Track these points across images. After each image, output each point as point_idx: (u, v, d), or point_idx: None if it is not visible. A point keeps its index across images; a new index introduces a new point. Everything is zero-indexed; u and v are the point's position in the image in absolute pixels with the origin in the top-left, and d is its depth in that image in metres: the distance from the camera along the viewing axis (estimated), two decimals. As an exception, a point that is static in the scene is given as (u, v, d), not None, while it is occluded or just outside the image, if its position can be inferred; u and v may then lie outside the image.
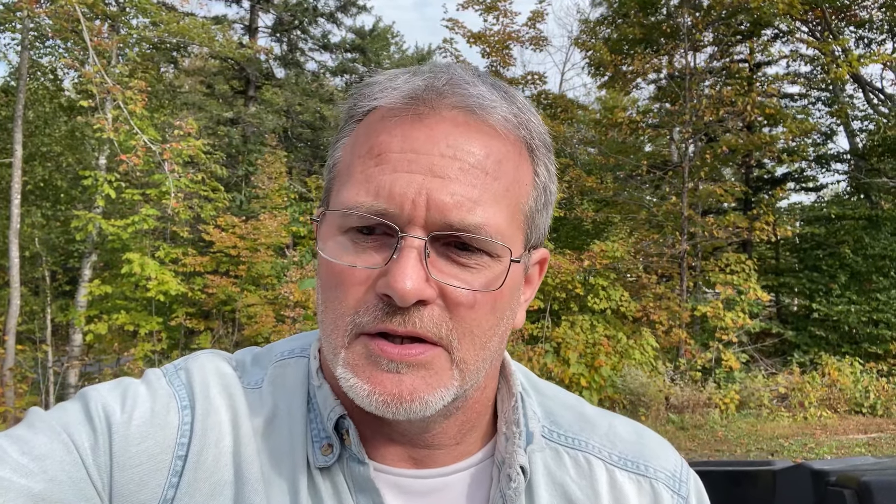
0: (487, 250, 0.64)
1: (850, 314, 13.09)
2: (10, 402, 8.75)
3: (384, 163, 0.63)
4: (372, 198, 0.62)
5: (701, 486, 0.80)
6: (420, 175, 0.62)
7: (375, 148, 0.65)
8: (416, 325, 0.61)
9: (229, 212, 13.40)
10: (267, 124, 17.82)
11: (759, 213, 12.60)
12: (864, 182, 14.74)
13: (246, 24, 19.61)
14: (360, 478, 0.67)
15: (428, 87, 0.66)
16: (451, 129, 0.64)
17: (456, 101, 0.65)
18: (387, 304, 0.61)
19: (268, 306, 10.97)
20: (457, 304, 0.63)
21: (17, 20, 10.61)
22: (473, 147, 0.64)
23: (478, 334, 0.65)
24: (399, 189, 0.61)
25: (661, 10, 14.45)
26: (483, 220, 0.62)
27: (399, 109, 0.66)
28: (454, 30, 13.72)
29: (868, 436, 9.22)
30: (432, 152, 0.63)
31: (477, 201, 0.63)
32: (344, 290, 0.64)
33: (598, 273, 11.67)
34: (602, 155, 15.06)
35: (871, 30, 15.33)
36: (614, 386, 10.26)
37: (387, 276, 0.60)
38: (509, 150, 0.67)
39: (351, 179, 0.65)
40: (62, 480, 0.60)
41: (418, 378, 0.62)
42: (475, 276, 0.64)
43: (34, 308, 12.36)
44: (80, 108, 10.53)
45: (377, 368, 0.62)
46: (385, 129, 0.65)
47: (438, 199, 0.61)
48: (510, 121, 0.68)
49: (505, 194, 0.66)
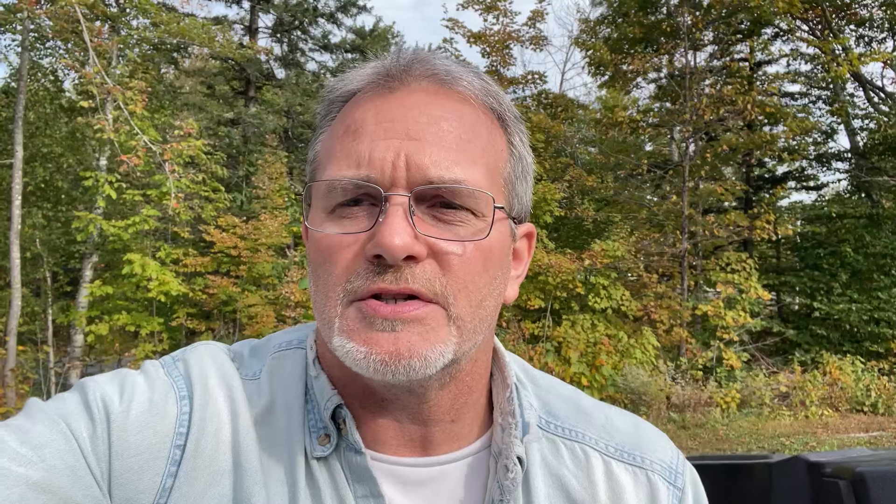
0: (470, 207, 0.65)
1: (852, 313, 13.08)
2: (11, 403, 8.76)
3: (361, 136, 0.65)
4: (354, 168, 0.63)
5: (697, 478, 0.80)
6: (397, 140, 0.64)
7: (351, 125, 0.66)
8: (409, 280, 0.61)
9: (230, 212, 13.41)
10: (267, 125, 17.82)
11: (760, 211, 12.60)
12: (864, 180, 14.73)
13: (246, 25, 19.62)
14: (358, 467, 0.67)
15: (395, 64, 0.69)
16: (423, 97, 0.67)
17: (424, 72, 0.68)
18: (377, 265, 0.61)
19: (269, 306, 10.97)
20: (447, 258, 0.63)
21: (18, 21, 10.63)
22: (446, 112, 0.66)
23: (472, 290, 0.65)
24: (378, 154, 0.63)
25: (660, 9, 14.45)
26: (462, 176, 0.64)
27: (370, 87, 0.69)
28: (454, 30, 13.73)
29: (869, 434, 9.21)
30: (406, 118, 0.65)
31: (455, 161, 0.64)
32: (333, 260, 0.64)
33: (598, 272, 11.67)
34: (602, 154, 15.06)
35: (872, 28, 15.32)
36: (615, 385, 10.26)
37: (375, 236, 0.61)
38: (480, 115, 0.69)
39: (332, 158, 0.67)
40: (61, 469, 0.60)
41: (415, 334, 0.62)
42: (461, 230, 0.65)
43: (35, 309, 12.38)
44: (80, 108, 10.53)
45: (372, 329, 0.62)
46: (359, 107, 0.68)
47: (418, 160, 0.63)
48: (478, 88, 0.70)
49: (482, 154, 0.67)
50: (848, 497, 1.18)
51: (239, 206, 15.47)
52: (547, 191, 12.02)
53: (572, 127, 16.17)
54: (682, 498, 0.77)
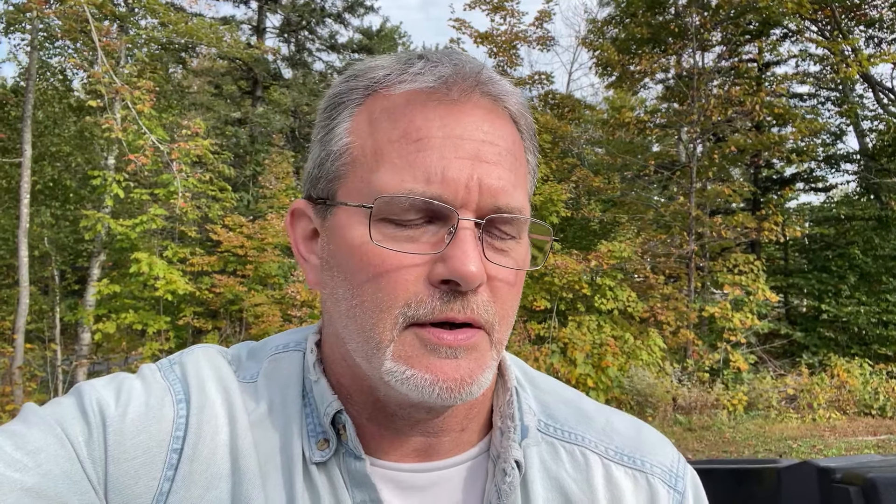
0: (515, 234, 0.66)
1: (860, 315, 13.01)
2: (18, 401, 8.81)
3: (428, 148, 0.62)
4: (423, 184, 0.60)
5: (698, 482, 0.80)
6: (468, 160, 0.62)
7: (412, 133, 0.63)
8: (474, 309, 0.62)
9: (236, 212, 13.45)
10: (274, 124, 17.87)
11: (768, 213, 12.53)
12: (873, 182, 14.64)
13: (254, 25, 19.68)
14: (357, 473, 0.67)
15: (457, 73, 0.66)
16: (484, 115, 0.65)
17: (484, 88, 0.67)
18: (446, 291, 0.61)
19: (274, 306, 10.99)
20: (500, 286, 0.64)
21: (27, 21, 10.69)
22: (504, 133, 0.67)
23: (511, 314, 0.67)
24: (452, 174, 0.61)
25: (668, 9, 14.40)
26: (521, 203, 0.65)
27: (430, 94, 0.65)
28: (461, 30, 13.71)
29: (877, 437, 9.15)
30: (474, 137, 0.63)
31: (514, 185, 0.65)
32: (390, 278, 0.61)
33: (605, 273, 11.64)
34: (609, 155, 15.02)
35: (882, 29, 15.22)
36: (621, 387, 10.22)
37: (446, 261, 0.60)
38: (517, 135, 0.70)
39: (386, 165, 0.62)
40: (56, 474, 0.59)
41: (472, 361, 0.63)
42: (510, 258, 0.66)
43: (43, 307, 12.45)
44: (88, 108, 10.58)
45: (435, 357, 0.62)
46: (419, 114, 0.64)
47: (489, 184, 0.62)
48: (520, 109, 0.70)
49: (525, 178, 0.70)
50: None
51: (246, 205, 15.52)
52: (553, 191, 11.99)
53: (579, 127, 16.13)
54: (683, 502, 0.76)
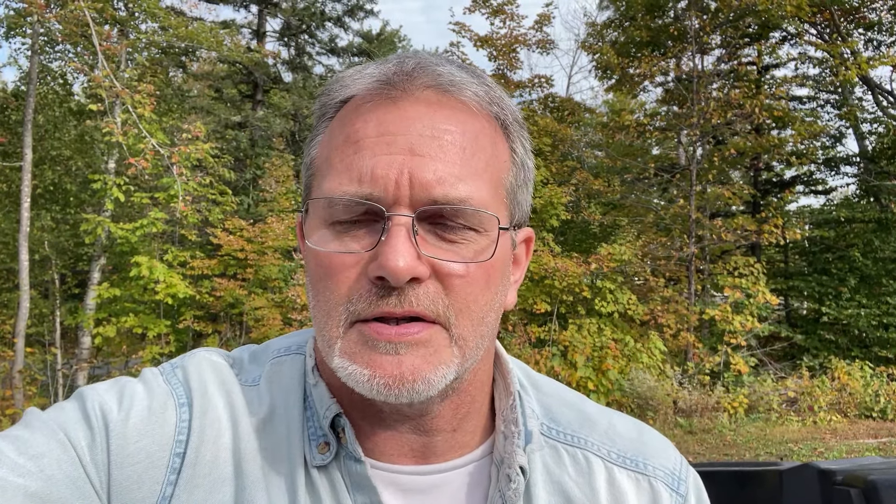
0: (473, 225, 0.64)
1: (860, 318, 13.00)
2: (19, 405, 8.80)
3: (362, 149, 0.63)
4: (356, 185, 0.62)
5: (701, 485, 0.80)
6: (400, 155, 0.62)
7: (352, 136, 0.64)
8: (413, 303, 0.61)
9: (237, 215, 13.44)
10: (274, 128, 17.88)
11: (768, 216, 12.53)
12: (873, 185, 14.64)
13: (254, 29, 19.69)
14: (357, 476, 0.67)
15: (398, 71, 0.66)
16: (425, 108, 0.65)
17: (427, 81, 0.66)
18: (381, 287, 0.61)
19: (275, 309, 10.98)
20: (450, 279, 0.62)
21: (28, 25, 10.71)
22: (449, 125, 0.64)
23: (474, 310, 0.64)
24: (381, 171, 0.61)
25: (668, 12, 14.43)
26: (467, 194, 0.63)
27: (371, 95, 0.66)
28: (461, 33, 13.73)
29: (878, 440, 9.14)
30: (410, 132, 0.63)
31: (459, 177, 0.63)
32: (334, 279, 0.63)
33: (605, 276, 11.63)
34: (609, 158, 15.02)
35: (881, 32, 15.24)
36: (622, 389, 10.21)
37: (378, 257, 0.60)
38: (484, 125, 0.68)
39: (331, 170, 0.65)
40: (59, 479, 0.60)
41: (418, 357, 0.61)
42: (464, 250, 0.64)
43: (43, 311, 12.44)
44: (89, 111, 10.60)
45: (375, 352, 0.61)
46: (359, 117, 0.65)
47: (421, 177, 0.61)
48: (482, 97, 0.68)
49: (486, 168, 0.66)
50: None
51: (246, 209, 15.52)
52: (553, 194, 11.99)
53: (579, 130, 16.14)
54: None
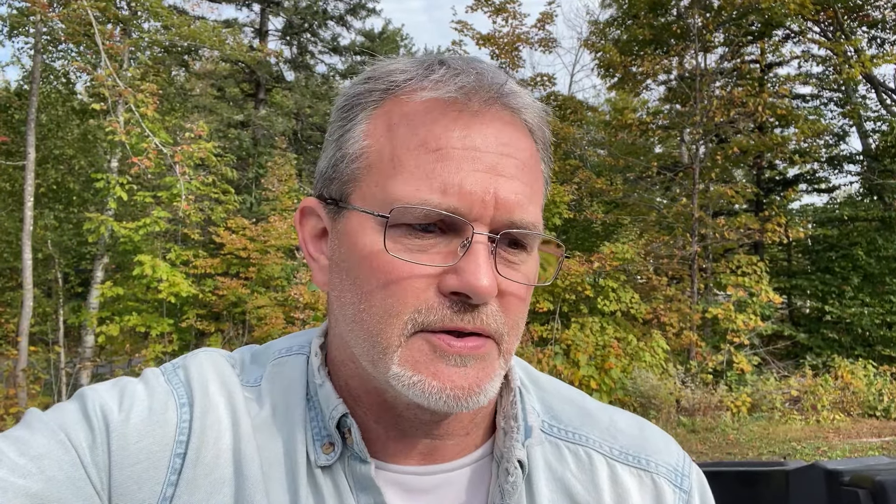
0: (527, 246, 0.66)
1: (863, 316, 12.97)
2: (22, 403, 8.82)
3: (447, 159, 0.62)
4: (439, 195, 0.61)
5: (704, 480, 0.80)
6: (485, 173, 0.62)
7: (431, 142, 0.63)
8: (484, 321, 0.62)
9: (239, 214, 13.46)
10: (277, 127, 17.89)
11: (771, 214, 12.51)
12: (876, 183, 14.61)
13: (256, 28, 19.71)
14: (362, 476, 0.67)
15: (479, 84, 0.65)
16: (502, 126, 0.65)
17: (503, 99, 0.66)
18: (457, 303, 0.61)
19: (277, 308, 10.98)
20: (510, 299, 0.65)
21: (31, 24, 10.72)
22: (521, 145, 0.66)
23: (520, 325, 0.68)
24: (469, 187, 0.61)
25: (671, 11, 14.39)
26: (535, 218, 0.65)
27: (451, 103, 0.64)
28: (463, 32, 13.71)
29: (882, 439, 9.12)
30: (492, 150, 0.63)
31: (530, 199, 0.65)
32: (400, 286, 0.62)
33: (607, 275, 11.63)
34: (612, 157, 14.99)
35: (884, 30, 15.20)
36: (625, 388, 10.21)
37: (458, 273, 0.61)
38: (536, 149, 0.70)
39: (402, 172, 0.63)
40: (60, 480, 0.60)
41: (479, 370, 0.63)
42: (522, 271, 0.66)
43: (47, 310, 12.45)
44: (92, 111, 10.61)
45: (443, 363, 0.62)
46: (439, 123, 0.63)
47: (504, 198, 0.62)
48: (539, 121, 0.70)
49: (540, 191, 0.69)
50: (867, 506, 1.15)
51: (248, 208, 15.53)
52: (556, 193, 11.98)
53: (581, 129, 16.11)
54: (689, 501, 0.76)
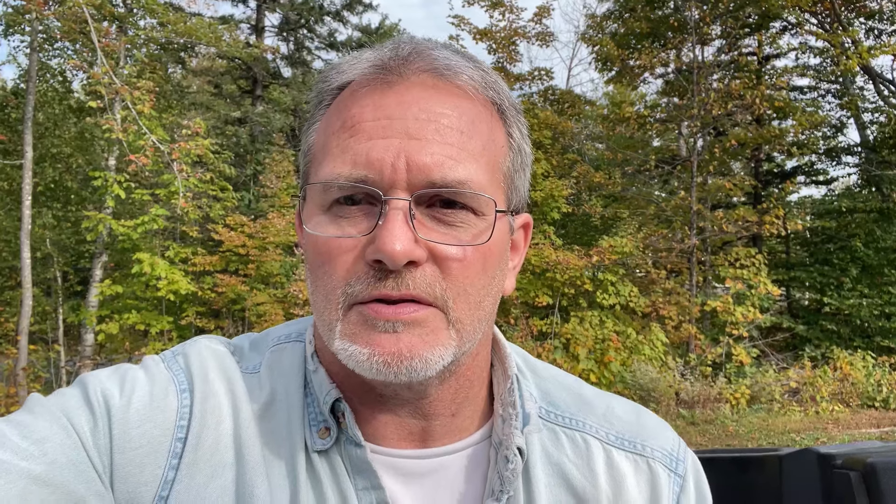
0: (472, 206, 0.64)
1: (862, 308, 13.00)
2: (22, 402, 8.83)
3: (359, 132, 0.63)
4: (350, 167, 0.62)
5: (699, 466, 0.80)
6: (396, 139, 0.62)
7: (348, 121, 0.65)
8: (410, 286, 0.61)
9: (238, 211, 13.46)
10: (274, 123, 17.86)
11: (769, 207, 12.52)
12: (875, 175, 14.61)
13: (252, 24, 19.65)
14: (358, 460, 0.67)
15: (394, 56, 0.67)
16: (421, 92, 0.65)
17: (423, 66, 0.66)
18: (378, 270, 0.61)
19: (277, 305, 10.99)
20: (448, 263, 0.63)
21: (27, 22, 10.70)
22: (446, 108, 0.65)
23: (471, 293, 0.65)
24: (376, 154, 0.62)
25: (667, 3, 14.38)
26: (465, 177, 0.63)
27: (367, 80, 0.66)
28: (460, 26, 13.72)
29: (881, 430, 9.15)
30: (406, 116, 0.63)
31: (456, 159, 0.63)
32: (332, 263, 0.63)
33: (606, 269, 11.64)
34: (610, 150, 14.99)
35: (882, 21, 15.18)
36: (624, 381, 10.24)
37: (375, 241, 0.60)
38: (480, 110, 0.68)
39: (328, 155, 0.65)
40: (62, 463, 0.60)
41: (415, 336, 0.62)
42: (462, 233, 0.64)
43: (46, 308, 12.47)
44: (89, 109, 10.59)
45: (374, 331, 0.62)
46: (356, 102, 0.66)
47: (418, 160, 0.62)
48: (478, 81, 0.68)
49: (482, 152, 0.66)
50: (859, 488, 1.17)
51: (247, 204, 15.52)
52: (554, 187, 11.98)
53: (579, 123, 16.12)
54: (684, 485, 0.77)
